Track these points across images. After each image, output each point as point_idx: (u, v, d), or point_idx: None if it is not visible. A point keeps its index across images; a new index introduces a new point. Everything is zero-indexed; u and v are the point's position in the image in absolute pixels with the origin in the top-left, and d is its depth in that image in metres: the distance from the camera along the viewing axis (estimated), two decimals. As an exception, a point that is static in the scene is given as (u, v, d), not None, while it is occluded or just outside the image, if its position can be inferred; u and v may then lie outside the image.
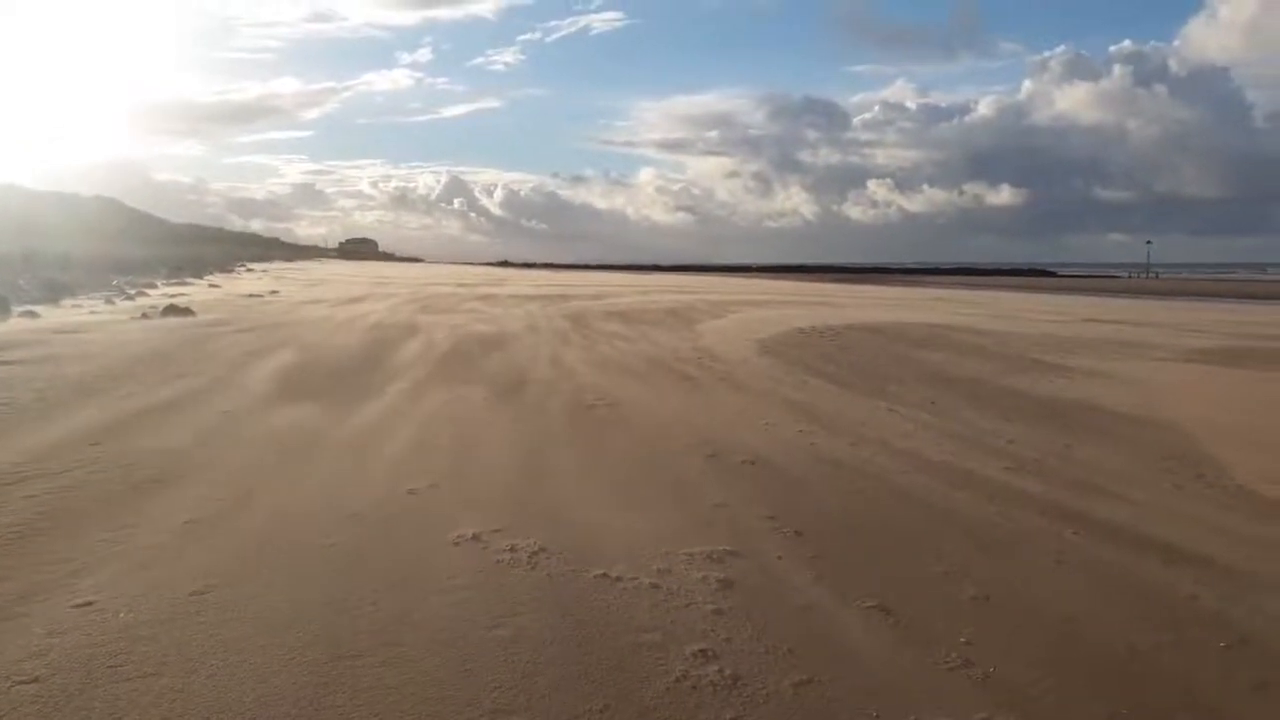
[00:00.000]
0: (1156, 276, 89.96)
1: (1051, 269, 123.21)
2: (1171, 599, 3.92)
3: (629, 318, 19.53)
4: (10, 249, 31.38)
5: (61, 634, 3.35)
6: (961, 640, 3.44)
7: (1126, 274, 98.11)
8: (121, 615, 3.52)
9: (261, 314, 18.85)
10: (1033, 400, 9.14)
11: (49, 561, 4.06)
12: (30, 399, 7.84)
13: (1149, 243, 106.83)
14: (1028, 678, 3.17)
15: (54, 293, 20.54)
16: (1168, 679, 3.20)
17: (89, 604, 3.62)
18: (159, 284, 29.02)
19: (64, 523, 4.61)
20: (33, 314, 16.11)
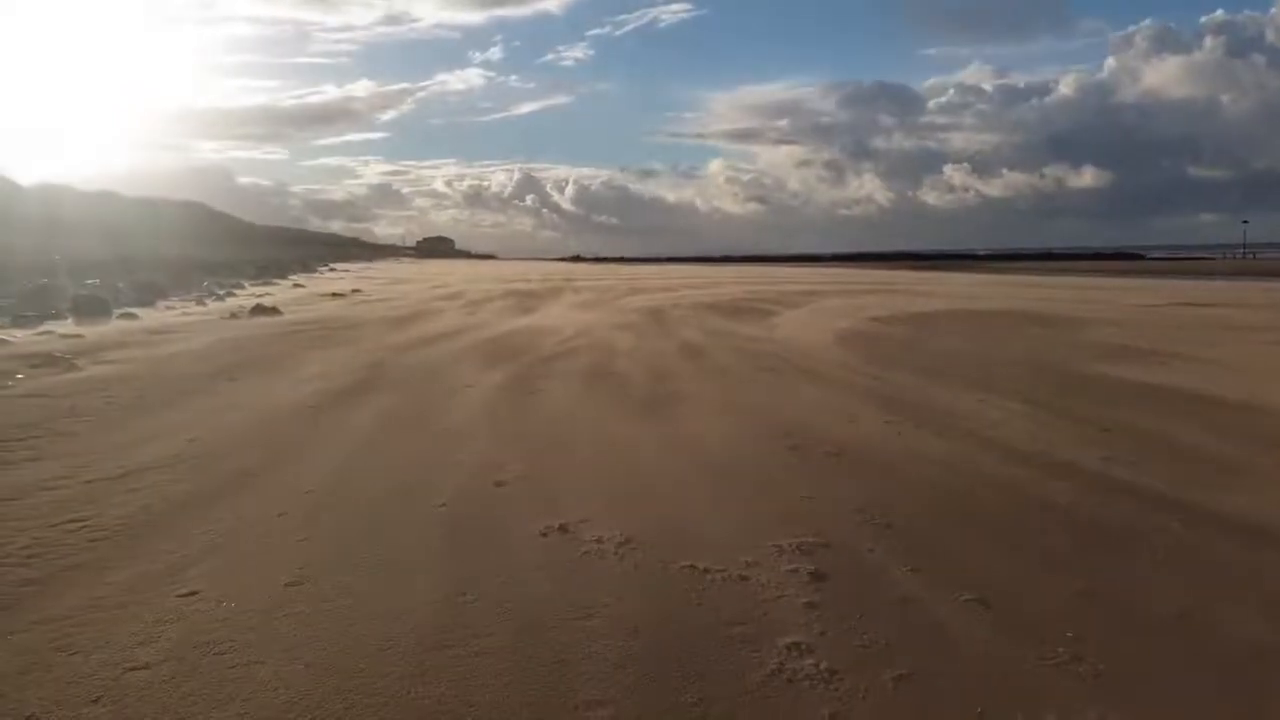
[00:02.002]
0: (1254, 257, 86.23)
1: (1139, 252, 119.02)
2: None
3: (704, 310, 19.45)
4: (108, 254, 32.70)
5: (169, 622, 3.45)
6: (1068, 635, 3.30)
7: (1221, 255, 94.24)
8: (224, 604, 3.61)
9: (345, 313, 19.27)
10: (1128, 387, 8.80)
11: (154, 553, 4.18)
12: (131, 397, 8.14)
13: (1245, 222, 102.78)
14: (1143, 675, 3.03)
15: (150, 295, 21.35)
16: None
17: (193, 594, 3.72)
18: (246, 284, 29.93)
19: (166, 516, 4.76)
20: (132, 315, 16.76)
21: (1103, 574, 3.92)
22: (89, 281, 23.00)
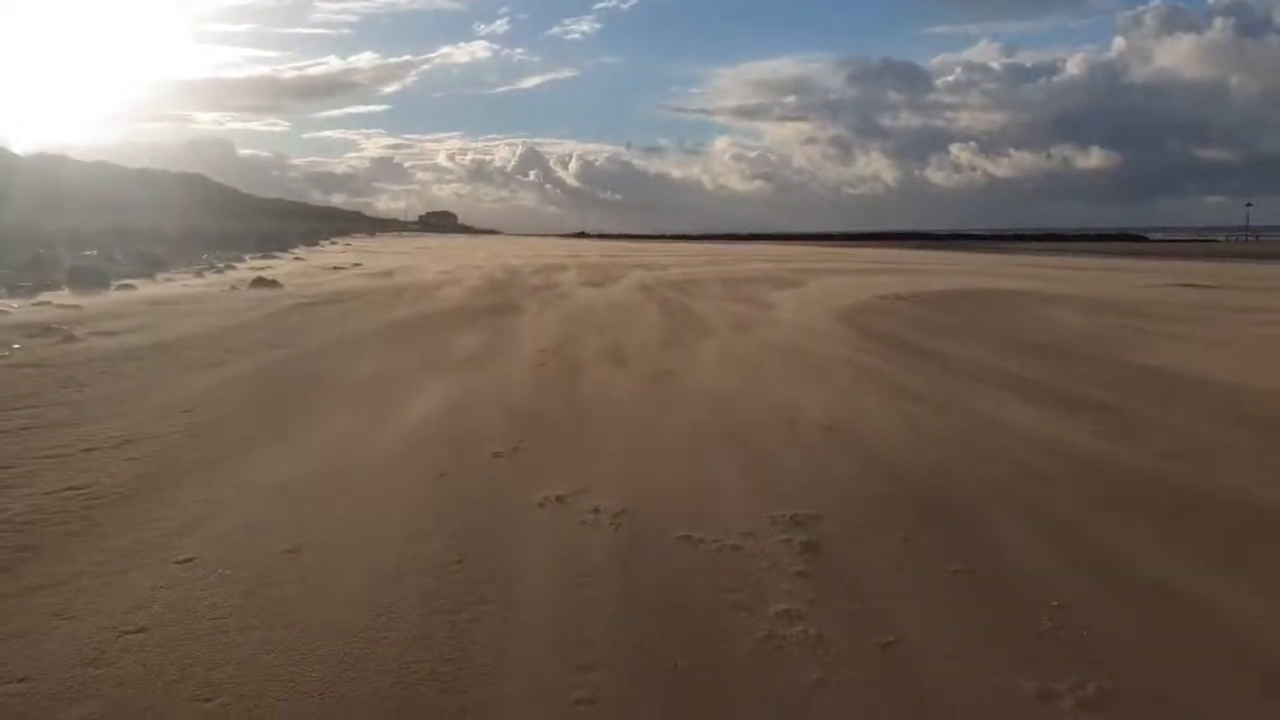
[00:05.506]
0: (1256, 239, 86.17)
1: (1143, 234, 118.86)
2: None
3: (706, 287, 19.43)
4: (107, 225, 32.64)
5: (165, 588, 3.48)
6: (1053, 604, 3.35)
7: (1224, 237, 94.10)
8: (221, 571, 3.64)
9: (344, 286, 19.23)
10: (1125, 365, 8.82)
11: (151, 520, 4.21)
12: (129, 367, 8.15)
13: (1249, 205, 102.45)
14: (1124, 643, 3.08)
15: (148, 266, 21.26)
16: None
17: (190, 560, 3.75)
18: (246, 258, 29.78)
19: (163, 484, 4.78)
20: (129, 287, 16.72)
21: (1091, 546, 3.96)
22: (86, 253, 22.95)
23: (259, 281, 18.04)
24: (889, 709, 2.71)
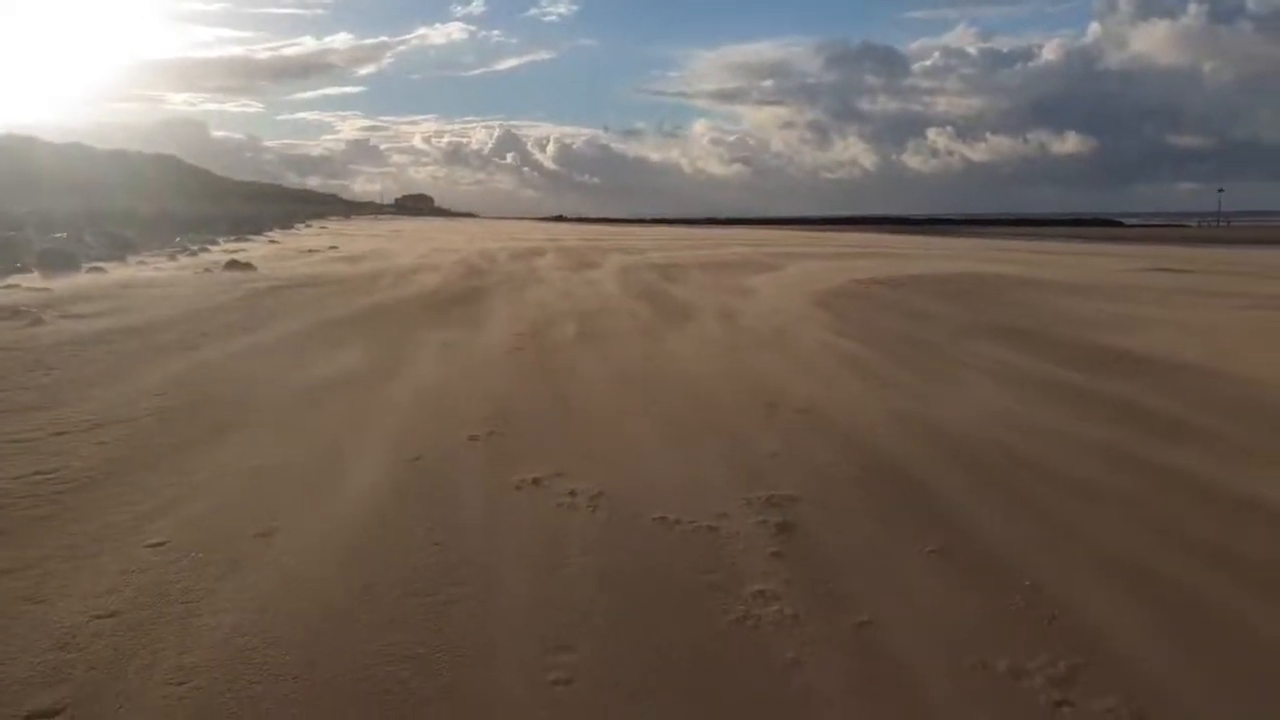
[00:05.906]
0: (1228, 224, 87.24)
1: (1118, 219, 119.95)
2: (1264, 555, 3.78)
3: (684, 271, 19.41)
4: (78, 208, 32.14)
5: (136, 572, 3.45)
6: (1026, 583, 3.39)
7: (1196, 222, 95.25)
8: (193, 555, 3.61)
9: (320, 270, 19.06)
10: (1102, 350, 8.88)
11: (121, 504, 4.17)
12: (100, 351, 8.04)
13: (1220, 190, 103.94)
14: (1094, 621, 3.11)
15: (119, 249, 20.92)
16: (1249, 628, 3.11)
17: (161, 544, 3.71)
18: (219, 240, 29.37)
19: (134, 468, 4.72)
20: (100, 269, 16.46)
21: (1064, 526, 4.00)
22: (56, 235, 22.56)
23: (233, 264, 17.82)
24: (863, 688, 2.73)
